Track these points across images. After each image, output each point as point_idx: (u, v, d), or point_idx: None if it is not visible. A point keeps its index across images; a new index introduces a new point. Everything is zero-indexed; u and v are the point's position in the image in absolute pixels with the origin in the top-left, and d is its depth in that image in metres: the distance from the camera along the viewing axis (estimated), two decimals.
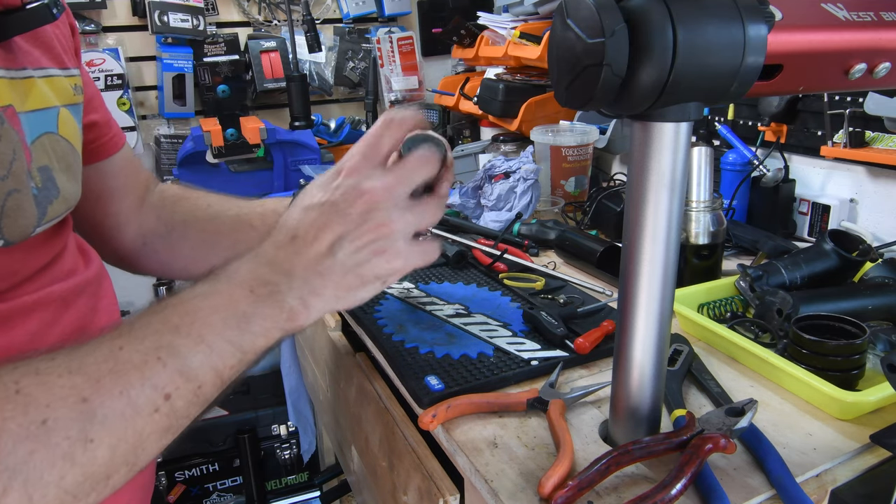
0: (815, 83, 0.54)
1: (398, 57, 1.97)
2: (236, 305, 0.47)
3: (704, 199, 0.95)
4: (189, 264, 0.81)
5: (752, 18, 0.45)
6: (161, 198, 0.83)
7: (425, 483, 0.74)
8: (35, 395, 0.39)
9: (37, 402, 0.39)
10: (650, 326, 0.56)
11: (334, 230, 0.50)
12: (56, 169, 0.58)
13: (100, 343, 0.44)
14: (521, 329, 0.85)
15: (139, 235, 0.80)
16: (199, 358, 0.45)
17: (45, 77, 0.58)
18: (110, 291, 0.69)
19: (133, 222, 0.80)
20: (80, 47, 0.70)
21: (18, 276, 0.56)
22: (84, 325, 0.62)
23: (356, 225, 0.50)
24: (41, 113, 0.57)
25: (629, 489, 0.57)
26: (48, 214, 0.57)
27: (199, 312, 0.46)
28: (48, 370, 0.41)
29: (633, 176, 0.52)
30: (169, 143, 1.81)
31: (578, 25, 0.46)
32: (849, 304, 0.81)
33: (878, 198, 1.14)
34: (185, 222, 0.81)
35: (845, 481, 0.58)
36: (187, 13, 1.69)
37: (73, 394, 0.40)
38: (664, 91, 0.45)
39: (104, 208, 0.75)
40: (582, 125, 1.48)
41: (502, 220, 1.24)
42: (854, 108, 1.10)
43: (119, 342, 0.44)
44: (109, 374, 0.42)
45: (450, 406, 0.67)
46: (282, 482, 2.04)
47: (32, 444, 0.38)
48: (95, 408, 0.40)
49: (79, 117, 0.64)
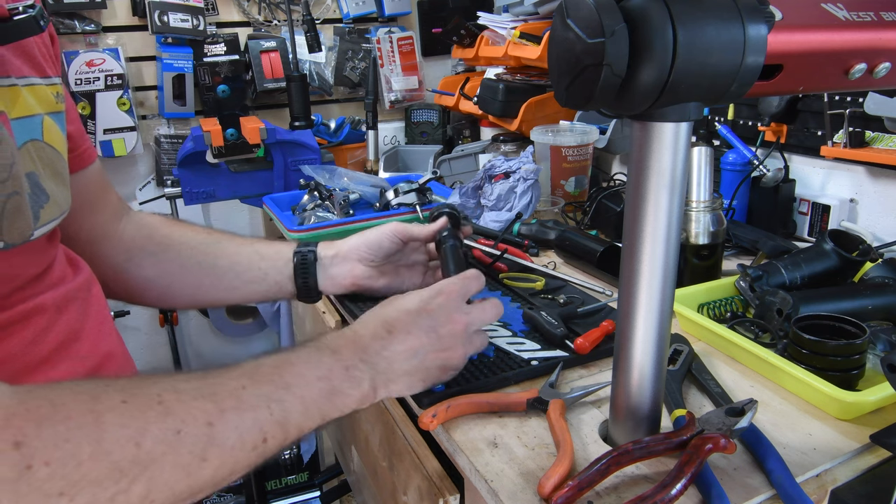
0: (815, 83, 0.54)
1: (398, 57, 1.97)
2: (332, 380, 0.57)
3: (704, 199, 0.95)
4: (174, 282, 0.80)
5: (752, 18, 0.45)
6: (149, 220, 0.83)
7: (425, 483, 0.74)
8: (174, 409, 0.46)
9: (174, 415, 0.45)
10: (650, 326, 0.56)
11: (420, 339, 0.63)
12: (43, 175, 0.58)
13: (228, 378, 0.51)
14: (521, 329, 0.85)
15: (122, 251, 0.79)
16: (295, 416, 0.53)
17: (28, 86, 0.59)
18: (100, 297, 0.70)
19: (112, 238, 0.79)
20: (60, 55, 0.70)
21: (16, 283, 0.56)
22: (76, 330, 0.62)
23: (438, 341, 0.63)
24: (27, 120, 0.57)
25: (629, 489, 0.57)
26: (41, 218, 0.57)
27: (306, 378, 0.55)
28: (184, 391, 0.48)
29: (633, 176, 0.52)
30: (169, 143, 1.81)
31: (578, 25, 0.46)
32: (849, 304, 0.81)
33: (878, 198, 1.14)
34: (182, 244, 0.81)
35: (845, 481, 0.58)
36: (187, 13, 1.69)
37: (202, 417, 0.47)
38: (664, 91, 0.45)
39: (78, 222, 0.74)
40: (582, 125, 1.48)
41: (502, 220, 1.24)
42: (854, 108, 1.10)
43: (243, 382, 0.52)
44: (232, 409, 0.49)
45: (450, 406, 0.67)
46: (282, 482, 2.04)
47: (165, 448, 0.44)
48: (216, 433, 0.47)
49: (62, 125, 0.64)
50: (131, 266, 0.79)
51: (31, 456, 0.39)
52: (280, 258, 0.82)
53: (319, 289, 0.82)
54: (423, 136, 1.97)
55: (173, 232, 0.82)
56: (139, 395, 0.46)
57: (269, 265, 0.82)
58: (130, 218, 0.82)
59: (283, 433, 0.52)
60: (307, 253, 0.82)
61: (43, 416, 0.40)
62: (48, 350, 0.58)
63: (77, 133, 0.72)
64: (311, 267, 0.81)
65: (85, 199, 0.73)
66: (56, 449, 0.39)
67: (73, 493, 0.40)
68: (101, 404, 0.43)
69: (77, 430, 0.41)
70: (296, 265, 0.82)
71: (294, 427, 0.53)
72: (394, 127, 2.02)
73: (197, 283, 0.81)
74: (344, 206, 1.34)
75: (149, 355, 2.01)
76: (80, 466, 0.40)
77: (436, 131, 1.96)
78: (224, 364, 0.53)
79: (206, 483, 0.47)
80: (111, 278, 0.78)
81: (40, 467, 0.39)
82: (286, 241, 0.88)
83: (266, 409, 0.51)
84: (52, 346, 0.59)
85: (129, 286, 0.80)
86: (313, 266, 0.82)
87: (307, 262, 0.81)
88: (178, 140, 1.80)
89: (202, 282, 0.81)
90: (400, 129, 2.03)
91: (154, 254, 0.80)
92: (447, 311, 0.65)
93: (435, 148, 1.87)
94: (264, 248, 0.84)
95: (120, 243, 0.79)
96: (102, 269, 0.76)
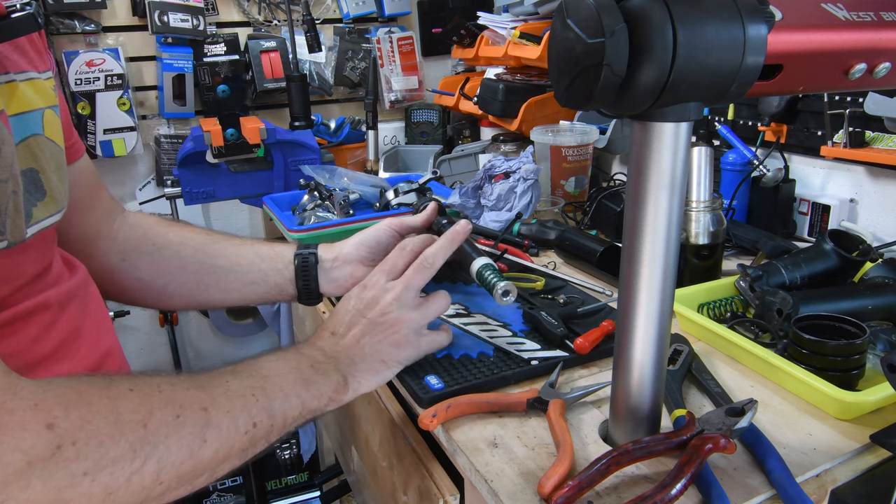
0: (815, 83, 0.54)
1: (398, 57, 1.97)
2: (303, 373, 0.63)
3: (704, 199, 0.95)
4: (171, 282, 0.80)
5: (752, 18, 0.45)
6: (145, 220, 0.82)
7: (425, 483, 0.74)
8: (172, 396, 0.50)
9: (174, 402, 0.50)
10: (650, 326, 0.56)
11: (361, 328, 0.70)
12: (44, 170, 0.59)
13: (212, 376, 0.57)
14: (521, 329, 0.85)
15: (116, 251, 0.79)
16: (278, 402, 0.58)
17: (27, 80, 0.59)
18: (97, 296, 0.70)
19: (106, 237, 0.79)
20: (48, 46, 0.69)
21: (19, 281, 0.57)
22: (77, 328, 0.63)
23: (375, 325, 0.70)
24: (26, 116, 0.57)
25: (629, 489, 0.57)
26: (34, 216, 0.58)
27: (280, 370, 0.62)
28: (178, 383, 0.53)
29: (633, 176, 0.52)
30: (169, 143, 1.81)
31: (578, 25, 0.46)
32: (849, 304, 0.81)
33: (878, 198, 1.14)
34: (181, 244, 0.81)
35: (845, 481, 0.58)
36: (187, 13, 1.69)
37: (197, 403, 0.52)
38: (664, 91, 0.45)
39: (72, 220, 0.73)
40: (582, 125, 1.48)
41: (502, 220, 1.24)
42: (854, 108, 1.10)
43: (226, 377, 0.57)
44: (222, 396, 0.54)
45: (450, 406, 0.67)
46: (282, 482, 2.04)
47: (169, 430, 0.48)
48: (212, 417, 0.52)
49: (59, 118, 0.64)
50: (127, 266, 0.79)
51: (61, 436, 0.42)
52: (280, 260, 0.82)
53: (320, 291, 0.82)
54: (423, 136, 1.97)
55: (170, 232, 0.82)
56: (142, 385, 0.50)
57: (269, 267, 0.82)
58: (125, 218, 0.81)
59: (270, 419, 0.57)
60: (308, 255, 0.82)
61: (68, 401, 0.44)
62: (51, 347, 0.59)
63: (67, 125, 0.71)
64: (312, 269, 0.81)
65: (78, 195, 0.73)
66: (81, 430, 0.43)
67: (96, 473, 0.43)
68: (113, 391, 0.47)
69: (97, 413, 0.45)
70: (297, 267, 0.81)
71: (279, 413, 0.58)
72: (394, 127, 2.02)
73: (196, 284, 0.81)
74: (344, 206, 1.34)
75: (148, 355, 2.01)
76: (101, 446, 0.43)
77: (436, 131, 1.96)
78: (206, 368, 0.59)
79: (208, 464, 0.52)
80: (106, 279, 0.78)
81: (68, 447, 0.42)
82: (286, 242, 0.88)
83: (251, 396, 0.56)
84: (55, 343, 0.59)
85: (124, 286, 0.80)
86: (314, 268, 0.81)
87: (308, 264, 0.81)
88: (178, 140, 1.80)
89: (201, 282, 0.81)
90: (400, 129, 2.03)
91: (150, 254, 0.80)
92: (373, 297, 0.71)
93: (435, 148, 1.87)
94: (264, 249, 0.83)
95: (114, 243, 0.79)
96: (97, 269, 0.76)
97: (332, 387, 0.64)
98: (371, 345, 0.69)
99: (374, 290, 0.72)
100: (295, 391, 0.60)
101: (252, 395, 0.57)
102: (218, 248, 0.82)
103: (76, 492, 0.42)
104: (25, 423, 0.41)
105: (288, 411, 0.59)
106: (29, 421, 0.41)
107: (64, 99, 0.73)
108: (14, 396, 0.42)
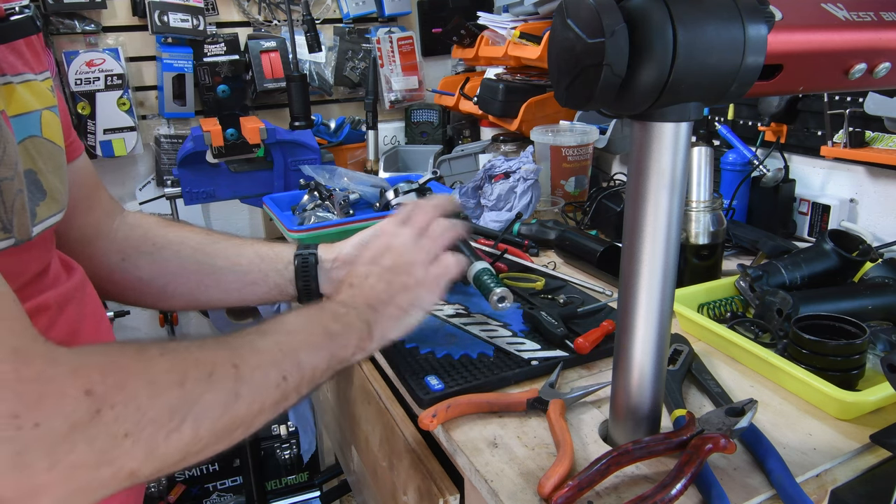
0: (815, 83, 0.54)
1: (398, 57, 1.97)
2: (326, 325, 0.64)
3: (704, 199, 0.95)
4: (171, 282, 0.80)
5: (752, 18, 0.45)
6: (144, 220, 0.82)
7: (425, 483, 0.74)
8: (202, 358, 0.52)
9: (205, 362, 0.51)
10: (650, 326, 0.56)
11: (377, 276, 0.71)
12: (42, 171, 0.59)
13: (237, 336, 0.57)
14: (521, 329, 0.85)
15: (116, 251, 0.79)
16: (304, 354, 0.59)
17: (24, 82, 0.59)
18: (94, 297, 0.70)
19: (106, 237, 0.78)
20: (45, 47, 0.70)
21: (21, 281, 0.57)
22: (75, 329, 0.63)
23: (388, 271, 0.71)
24: (24, 117, 0.57)
25: (629, 489, 0.57)
26: (38, 216, 0.58)
27: (303, 326, 0.63)
28: (206, 346, 0.54)
29: (633, 176, 0.52)
30: (169, 143, 1.81)
31: (578, 25, 0.46)
32: (849, 304, 0.81)
33: (878, 198, 1.14)
34: (181, 244, 0.81)
35: (845, 481, 0.58)
36: (187, 13, 1.69)
37: (227, 361, 0.53)
38: (664, 91, 0.45)
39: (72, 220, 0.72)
40: (582, 125, 1.48)
41: (502, 220, 1.24)
42: (854, 108, 1.10)
43: (251, 337, 0.58)
44: (249, 352, 0.55)
45: (450, 406, 0.67)
46: (282, 482, 2.04)
47: (203, 388, 0.49)
48: (243, 373, 0.53)
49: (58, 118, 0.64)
50: (127, 266, 0.79)
51: (101, 401, 0.43)
52: (280, 260, 0.82)
53: (320, 291, 0.82)
54: (423, 136, 1.97)
55: (170, 232, 0.82)
56: (172, 348, 0.52)
57: (270, 267, 0.82)
58: (124, 218, 0.81)
59: (299, 371, 0.58)
60: (308, 255, 0.82)
61: (104, 366, 0.45)
62: None
63: (66, 125, 0.71)
64: (312, 269, 0.81)
65: (77, 194, 0.73)
66: (119, 393, 0.44)
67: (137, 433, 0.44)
68: (145, 355, 0.49)
69: (133, 376, 0.46)
70: (297, 268, 0.81)
71: (307, 366, 0.59)
72: (394, 127, 2.02)
73: (196, 284, 0.81)
74: (344, 206, 1.34)
75: None
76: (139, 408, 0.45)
77: (436, 131, 1.96)
78: None
79: (243, 419, 0.53)
80: (105, 279, 0.78)
81: (107, 410, 0.43)
82: (286, 242, 0.88)
83: (278, 351, 0.58)
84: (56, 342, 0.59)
85: (124, 287, 0.80)
86: (314, 269, 0.81)
87: (308, 264, 0.81)
88: (178, 140, 1.80)
89: (201, 282, 0.81)
90: (400, 129, 2.03)
91: (150, 253, 0.79)
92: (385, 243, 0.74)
93: (435, 148, 1.87)
94: (264, 249, 0.83)
95: (114, 243, 0.79)
96: (96, 269, 0.76)
97: (357, 335, 0.65)
98: (383, 290, 0.70)
99: (385, 236, 0.75)
100: (322, 343, 0.62)
101: (279, 350, 0.58)
102: (218, 248, 0.82)
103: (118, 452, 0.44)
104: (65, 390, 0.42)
105: (316, 363, 0.60)
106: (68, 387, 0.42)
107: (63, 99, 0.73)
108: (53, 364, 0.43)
